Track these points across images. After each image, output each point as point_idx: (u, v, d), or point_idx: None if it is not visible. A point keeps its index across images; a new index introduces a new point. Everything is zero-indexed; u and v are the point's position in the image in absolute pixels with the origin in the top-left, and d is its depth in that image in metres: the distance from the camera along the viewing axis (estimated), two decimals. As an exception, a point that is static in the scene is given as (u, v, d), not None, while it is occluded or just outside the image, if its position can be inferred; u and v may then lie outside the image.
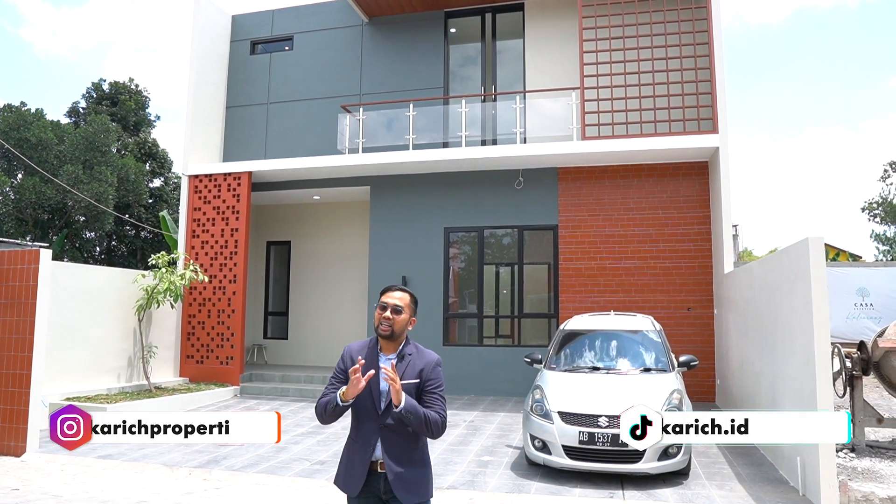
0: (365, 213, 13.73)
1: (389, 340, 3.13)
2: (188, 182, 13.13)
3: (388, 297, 3.15)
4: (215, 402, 11.24)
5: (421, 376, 3.09)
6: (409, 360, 3.12)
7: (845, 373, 7.51)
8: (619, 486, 6.28)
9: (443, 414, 3.07)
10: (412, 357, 3.15)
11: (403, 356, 3.13)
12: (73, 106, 29.34)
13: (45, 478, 6.65)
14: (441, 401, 3.11)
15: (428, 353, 3.19)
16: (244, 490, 6.34)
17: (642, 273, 11.50)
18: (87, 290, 10.50)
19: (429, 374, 3.11)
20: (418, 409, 2.97)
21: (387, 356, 3.14)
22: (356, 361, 3.00)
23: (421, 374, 3.09)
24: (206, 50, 13.77)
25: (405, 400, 2.93)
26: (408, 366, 3.11)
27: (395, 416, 2.97)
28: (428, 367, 3.12)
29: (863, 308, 14.01)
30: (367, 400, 3.07)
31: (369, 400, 3.08)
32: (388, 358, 3.12)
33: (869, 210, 30.08)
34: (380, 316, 3.12)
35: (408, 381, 3.04)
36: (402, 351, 3.15)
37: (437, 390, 3.11)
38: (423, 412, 2.99)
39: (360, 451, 3.06)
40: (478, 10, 13.27)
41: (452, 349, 12.09)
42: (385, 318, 3.10)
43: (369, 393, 3.05)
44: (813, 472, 5.64)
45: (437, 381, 3.12)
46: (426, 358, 3.17)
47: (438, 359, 3.19)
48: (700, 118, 11.07)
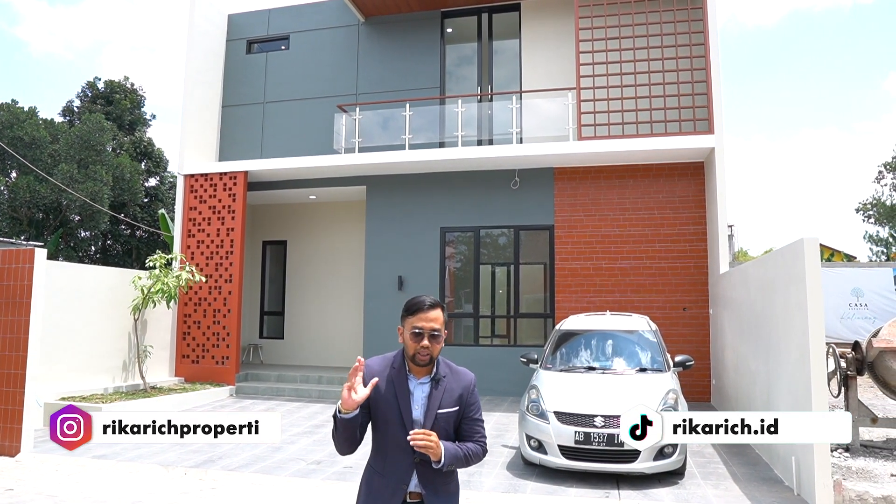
0: (361, 213, 13.72)
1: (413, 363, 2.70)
2: (184, 181, 13.10)
3: (423, 319, 2.64)
4: (211, 401, 11.22)
5: (460, 402, 2.71)
6: (445, 384, 2.70)
7: (840, 373, 7.54)
8: (614, 486, 6.30)
9: (483, 443, 2.76)
10: (447, 380, 2.72)
11: (439, 380, 2.70)
12: (67, 105, 29.25)
13: (40, 478, 6.62)
14: (482, 426, 2.78)
15: (463, 373, 2.79)
16: (240, 490, 6.32)
17: (638, 273, 11.52)
18: (82, 290, 10.46)
19: (468, 399, 2.74)
20: (459, 454, 2.63)
21: (418, 380, 2.71)
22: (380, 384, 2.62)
23: (460, 400, 2.71)
24: (202, 49, 13.74)
25: (445, 453, 2.56)
26: (445, 391, 2.69)
27: None
28: (466, 391, 2.74)
29: (857, 308, 14.07)
30: (397, 431, 2.63)
31: (400, 430, 2.62)
32: (420, 382, 2.70)
33: (863, 211, 30.20)
34: (415, 345, 2.63)
35: (447, 409, 2.67)
36: (436, 374, 2.71)
37: (477, 416, 2.76)
38: (463, 454, 2.65)
39: (392, 488, 2.64)
40: (474, 10, 13.27)
41: (448, 349, 12.08)
42: (424, 348, 2.62)
43: (399, 422, 2.63)
44: (808, 471, 5.66)
45: (476, 406, 2.77)
46: (463, 380, 2.76)
47: (474, 378, 2.81)
48: (696, 119, 11.10)
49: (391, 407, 2.65)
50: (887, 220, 29.21)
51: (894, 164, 28.73)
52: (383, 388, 2.66)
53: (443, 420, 2.67)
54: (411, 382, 2.70)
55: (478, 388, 2.79)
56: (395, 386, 2.67)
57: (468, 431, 2.73)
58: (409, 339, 2.65)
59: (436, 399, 2.67)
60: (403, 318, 2.71)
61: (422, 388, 2.69)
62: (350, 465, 7.08)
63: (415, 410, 2.66)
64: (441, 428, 2.66)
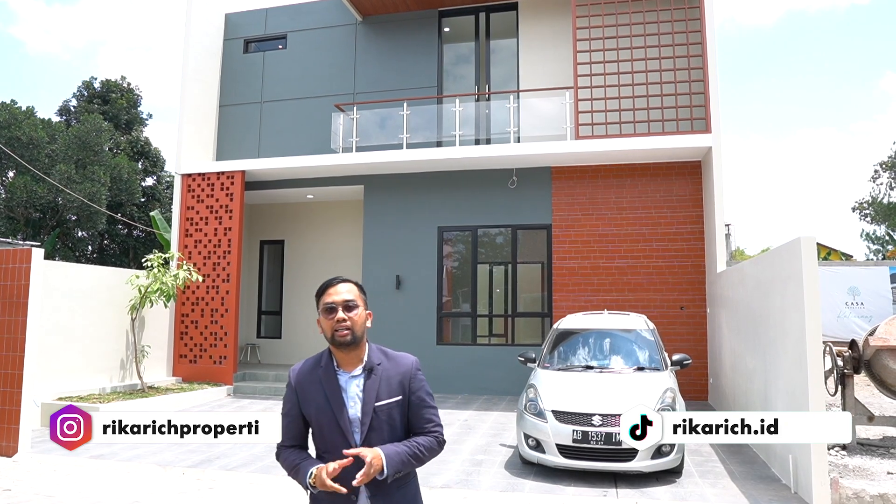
0: (358, 213, 13.71)
1: (350, 350, 2.39)
2: (181, 181, 13.08)
3: (333, 294, 2.42)
4: (208, 401, 11.21)
5: (403, 390, 2.41)
6: (382, 373, 2.41)
7: (837, 371, 7.56)
8: (612, 485, 6.30)
9: (438, 433, 2.44)
10: (383, 367, 2.42)
11: (372, 369, 2.40)
12: (64, 104, 29.21)
13: (38, 478, 6.61)
14: (434, 412, 2.47)
15: (402, 357, 2.49)
16: (238, 489, 6.32)
17: (635, 272, 11.53)
18: (79, 290, 10.44)
19: (412, 385, 2.43)
20: (405, 457, 2.31)
21: (350, 373, 2.40)
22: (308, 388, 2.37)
23: (402, 388, 2.41)
24: (199, 48, 13.72)
25: (387, 462, 2.24)
26: (381, 380, 2.39)
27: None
28: (407, 375, 2.43)
29: (854, 307, 14.08)
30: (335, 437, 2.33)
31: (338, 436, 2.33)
32: (352, 375, 2.40)
33: (859, 210, 30.28)
34: (331, 322, 2.38)
35: (387, 400, 2.37)
36: (368, 362, 2.42)
37: (426, 402, 2.45)
38: (412, 454, 2.33)
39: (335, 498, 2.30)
40: (471, 10, 13.27)
41: (446, 348, 12.10)
42: (340, 322, 2.37)
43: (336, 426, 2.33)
44: (805, 469, 5.68)
45: (423, 390, 2.45)
46: (402, 364, 2.46)
47: (416, 360, 2.51)
48: (693, 118, 11.12)
49: (323, 410, 2.36)
50: (883, 219, 29.28)
51: (890, 163, 28.81)
52: (312, 392, 2.39)
53: (384, 414, 2.35)
54: (342, 377, 2.40)
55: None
56: (323, 385, 2.38)
57: (418, 421, 2.42)
58: (323, 320, 2.41)
59: (371, 391, 2.36)
60: (317, 303, 2.47)
61: (355, 381, 2.39)
62: (348, 464, 7.07)
63: (350, 409, 2.35)
64: (383, 423, 2.35)
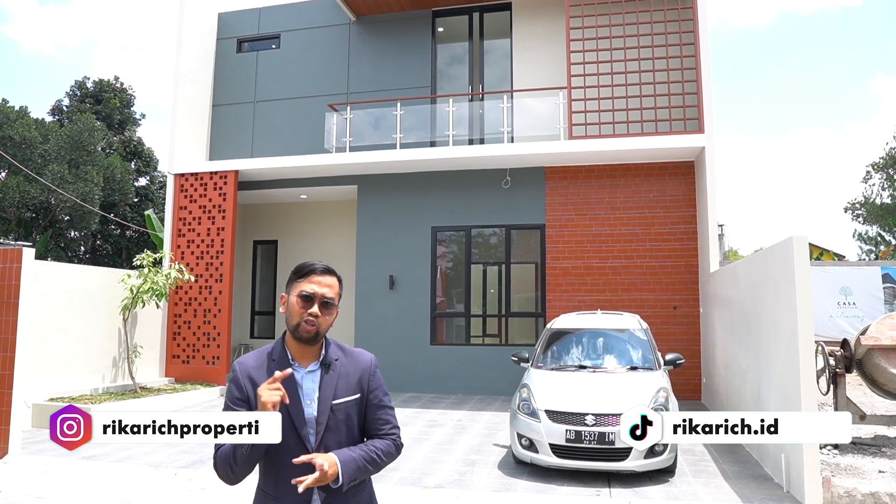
0: (352, 213, 13.69)
1: (308, 345, 2.22)
2: (174, 181, 13.03)
3: (316, 283, 2.21)
4: (201, 402, 11.17)
5: (360, 388, 2.27)
6: (339, 369, 2.26)
7: (829, 370, 7.58)
8: (605, 484, 6.31)
9: (395, 435, 2.31)
10: (341, 363, 2.27)
11: (329, 364, 2.25)
12: (56, 104, 29.07)
13: (28, 479, 6.57)
14: (392, 414, 2.34)
15: (360, 354, 2.34)
16: (230, 490, 6.29)
17: (629, 272, 11.55)
18: (71, 290, 10.39)
19: (371, 383, 2.30)
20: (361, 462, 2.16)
21: (306, 368, 2.23)
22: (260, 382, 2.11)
23: (360, 386, 2.27)
24: (192, 48, 13.67)
25: (342, 470, 2.09)
26: (339, 377, 2.24)
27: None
28: (366, 373, 2.30)
29: (846, 307, 14.15)
30: (288, 438, 2.12)
31: (292, 437, 2.14)
32: (308, 371, 2.23)
33: (852, 210, 30.42)
34: (301, 311, 2.18)
35: (344, 398, 2.23)
36: (325, 357, 2.26)
37: (384, 402, 2.32)
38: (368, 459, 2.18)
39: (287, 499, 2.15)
40: (465, 10, 13.27)
41: (440, 348, 12.09)
42: (310, 317, 2.18)
43: (290, 425, 2.14)
44: (797, 468, 5.69)
45: (381, 389, 2.32)
46: (360, 361, 2.32)
47: (374, 357, 2.38)
48: (686, 118, 11.15)
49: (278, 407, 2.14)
50: (875, 219, 29.42)
51: (882, 164, 28.95)
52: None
53: (342, 413, 2.21)
54: (297, 373, 2.21)
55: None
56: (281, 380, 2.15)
57: (374, 423, 2.28)
58: (294, 304, 2.19)
59: (329, 387, 2.20)
60: (290, 283, 2.25)
61: (311, 377, 2.22)
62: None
63: (306, 407, 2.18)
64: (341, 423, 2.21)
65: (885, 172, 29.05)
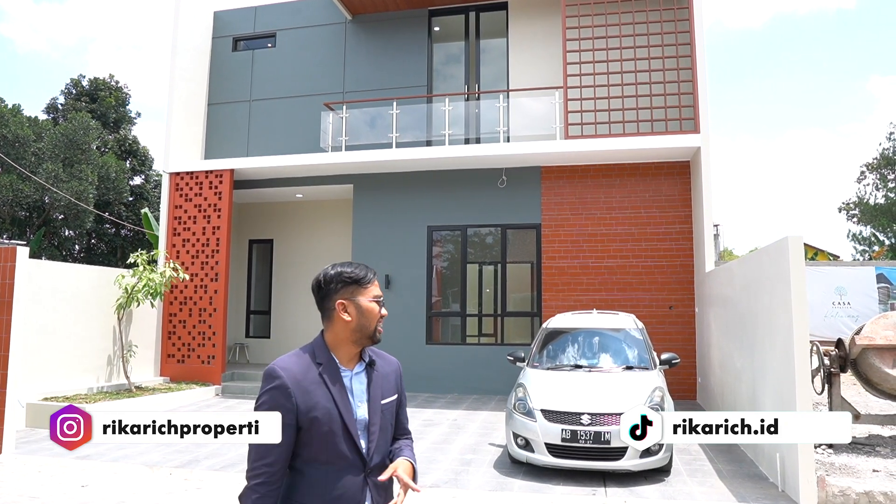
0: (348, 212, 13.67)
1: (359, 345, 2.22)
2: (169, 179, 12.99)
3: (378, 287, 2.26)
4: (196, 401, 11.14)
5: (397, 389, 2.32)
6: (380, 370, 2.27)
7: (823, 370, 7.61)
8: (601, 484, 6.32)
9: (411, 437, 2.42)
10: (378, 364, 2.27)
11: (373, 364, 2.25)
12: (51, 102, 28.96)
13: (22, 479, 6.54)
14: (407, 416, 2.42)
15: (387, 355, 2.36)
16: (225, 489, 6.28)
17: (624, 272, 11.57)
18: (65, 289, 10.35)
19: (401, 384, 2.35)
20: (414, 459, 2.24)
21: (352, 370, 2.20)
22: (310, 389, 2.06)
23: (396, 386, 2.32)
24: (187, 46, 13.63)
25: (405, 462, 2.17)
26: (382, 377, 2.25)
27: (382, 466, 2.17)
28: (398, 374, 2.34)
29: (840, 307, 14.18)
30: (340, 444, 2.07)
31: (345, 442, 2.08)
32: (354, 373, 2.20)
33: (846, 210, 30.52)
34: (378, 316, 2.21)
35: (388, 399, 2.24)
36: (369, 357, 2.26)
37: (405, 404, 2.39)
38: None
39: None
40: (461, 9, 13.26)
41: (435, 348, 12.09)
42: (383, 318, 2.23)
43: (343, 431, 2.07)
44: (792, 468, 5.71)
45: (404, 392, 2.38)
46: (391, 362, 2.35)
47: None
48: (682, 118, 11.16)
49: (331, 414, 2.07)
50: (870, 220, 29.53)
51: (876, 164, 29.05)
52: (317, 394, 2.08)
53: (387, 412, 2.21)
54: (345, 376, 2.17)
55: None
56: (328, 386, 2.10)
57: (400, 424, 2.33)
58: (373, 310, 2.17)
59: (377, 387, 2.20)
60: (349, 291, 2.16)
61: (358, 378, 2.19)
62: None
63: (357, 409, 2.13)
64: (386, 423, 2.21)
65: (878, 173, 29.16)
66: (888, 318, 7.45)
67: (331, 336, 2.19)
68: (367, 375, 2.20)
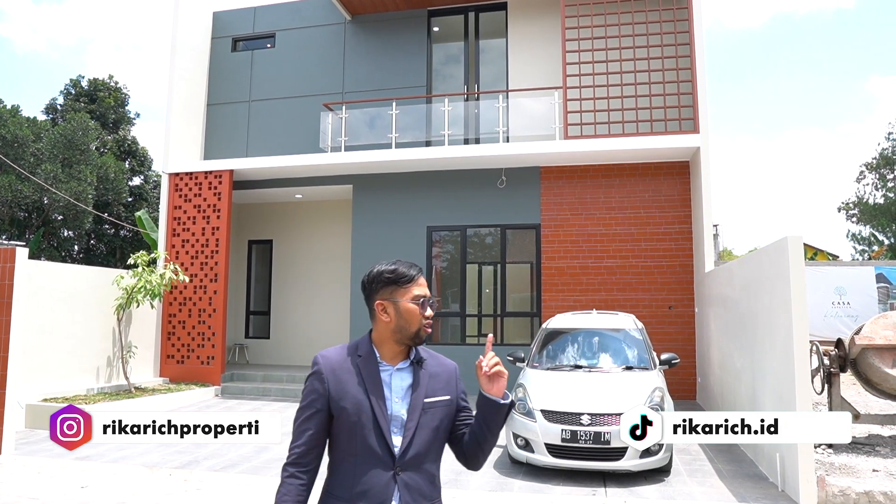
0: (347, 212, 13.66)
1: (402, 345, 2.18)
2: (168, 180, 12.99)
3: (422, 285, 2.18)
4: (196, 402, 11.13)
5: (450, 391, 2.22)
6: (429, 368, 2.20)
7: (823, 370, 7.61)
8: (601, 484, 6.31)
9: None
10: (430, 363, 2.21)
11: (420, 361, 2.18)
12: (50, 103, 28.95)
13: (22, 480, 6.54)
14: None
15: (442, 357, 2.28)
16: (225, 490, 6.28)
17: (624, 272, 11.57)
18: (64, 290, 10.34)
19: (457, 387, 2.25)
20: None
21: (394, 366, 2.15)
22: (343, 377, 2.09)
23: (449, 388, 2.22)
24: (186, 47, 13.63)
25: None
26: (430, 376, 2.18)
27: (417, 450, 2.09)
28: (453, 376, 2.25)
29: (840, 306, 14.20)
30: (369, 436, 2.05)
31: (374, 435, 2.06)
32: (396, 369, 2.15)
33: (846, 210, 30.53)
34: (420, 315, 2.14)
35: (435, 398, 2.15)
36: (416, 355, 2.19)
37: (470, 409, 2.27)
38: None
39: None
40: (461, 9, 13.26)
41: (435, 348, 12.05)
42: (428, 318, 2.16)
43: (373, 424, 2.06)
44: (792, 468, 5.71)
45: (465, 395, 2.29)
46: (447, 364, 2.26)
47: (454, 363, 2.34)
48: (681, 118, 11.16)
49: (361, 405, 2.06)
50: (869, 220, 29.54)
51: (875, 164, 29.07)
52: (349, 382, 2.09)
53: (432, 411, 2.13)
54: (384, 371, 2.14)
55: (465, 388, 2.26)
56: (363, 377, 2.10)
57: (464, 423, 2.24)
58: (413, 310, 2.13)
59: (422, 384, 2.13)
60: (390, 290, 2.16)
61: (400, 375, 2.15)
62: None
63: (393, 404, 2.10)
64: (429, 422, 2.12)
65: (878, 173, 29.17)
66: (888, 318, 7.46)
67: (375, 334, 2.20)
68: (413, 373, 2.16)
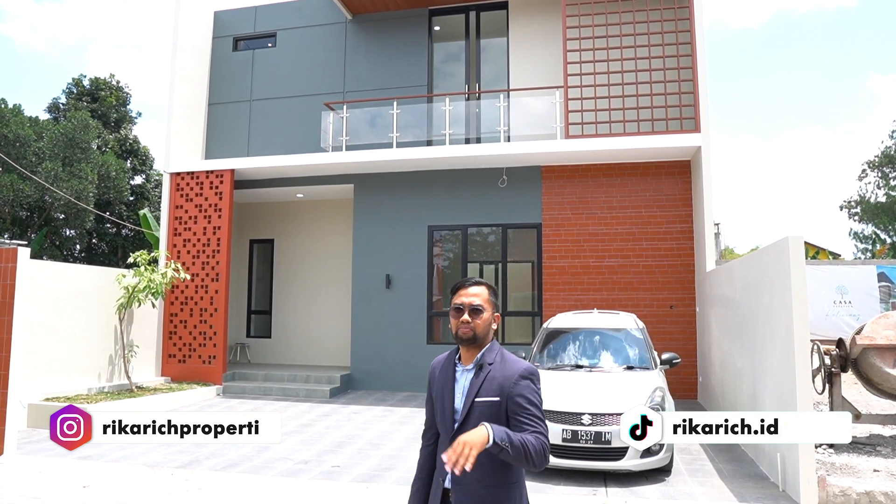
0: (348, 212, 13.67)
1: (470, 346, 2.57)
2: (170, 179, 13.00)
3: (464, 295, 2.58)
4: (198, 401, 11.14)
5: (501, 393, 2.47)
6: (488, 373, 2.52)
7: (824, 369, 7.61)
8: (602, 484, 6.32)
9: (539, 434, 2.42)
10: (493, 367, 2.53)
11: (482, 366, 2.54)
12: (52, 102, 28.99)
13: (23, 479, 6.55)
14: (535, 422, 2.45)
15: (513, 363, 2.54)
16: (227, 490, 6.29)
17: (625, 271, 11.56)
18: (66, 289, 10.35)
19: (512, 389, 2.46)
20: (512, 436, 2.33)
21: (465, 368, 2.59)
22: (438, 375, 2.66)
23: (501, 391, 2.47)
24: (188, 46, 13.64)
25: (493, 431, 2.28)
26: (485, 380, 2.51)
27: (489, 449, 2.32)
28: (509, 379, 2.48)
29: (842, 305, 14.18)
30: (443, 420, 2.59)
31: (445, 420, 2.58)
32: (466, 369, 2.58)
33: (847, 209, 30.46)
34: (456, 321, 2.58)
35: (485, 398, 2.48)
36: (480, 360, 2.56)
37: (526, 410, 2.45)
38: (519, 439, 2.34)
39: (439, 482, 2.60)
40: (462, 9, 13.25)
41: (437, 347, 12.07)
42: (464, 323, 2.54)
43: (444, 411, 2.59)
44: (793, 467, 5.71)
45: (523, 396, 2.46)
46: (509, 368, 2.52)
47: (527, 368, 2.53)
48: (682, 117, 11.16)
49: (439, 396, 2.63)
50: (871, 218, 29.48)
51: (878, 162, 29.00)
52: (439, 378, 2.67)
53: (480, 410, 2.48)
54: (458, 370, 2.62)
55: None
56: (444, 374, 2.64)
57: (516, 426, 2.43)
58: (451, 317, 2.62)
59: (475, 386, 2.52)
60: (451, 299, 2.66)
61: (467, 375, 2.58)
62: (338, 464, 7.06)
63: (457, 399, 2.56)
64: (477, 419, 2.45)
65: (880, 171, 29.10)
66: (889, 318, 7.45)
67: None
68: (475, 374, 2.56)
